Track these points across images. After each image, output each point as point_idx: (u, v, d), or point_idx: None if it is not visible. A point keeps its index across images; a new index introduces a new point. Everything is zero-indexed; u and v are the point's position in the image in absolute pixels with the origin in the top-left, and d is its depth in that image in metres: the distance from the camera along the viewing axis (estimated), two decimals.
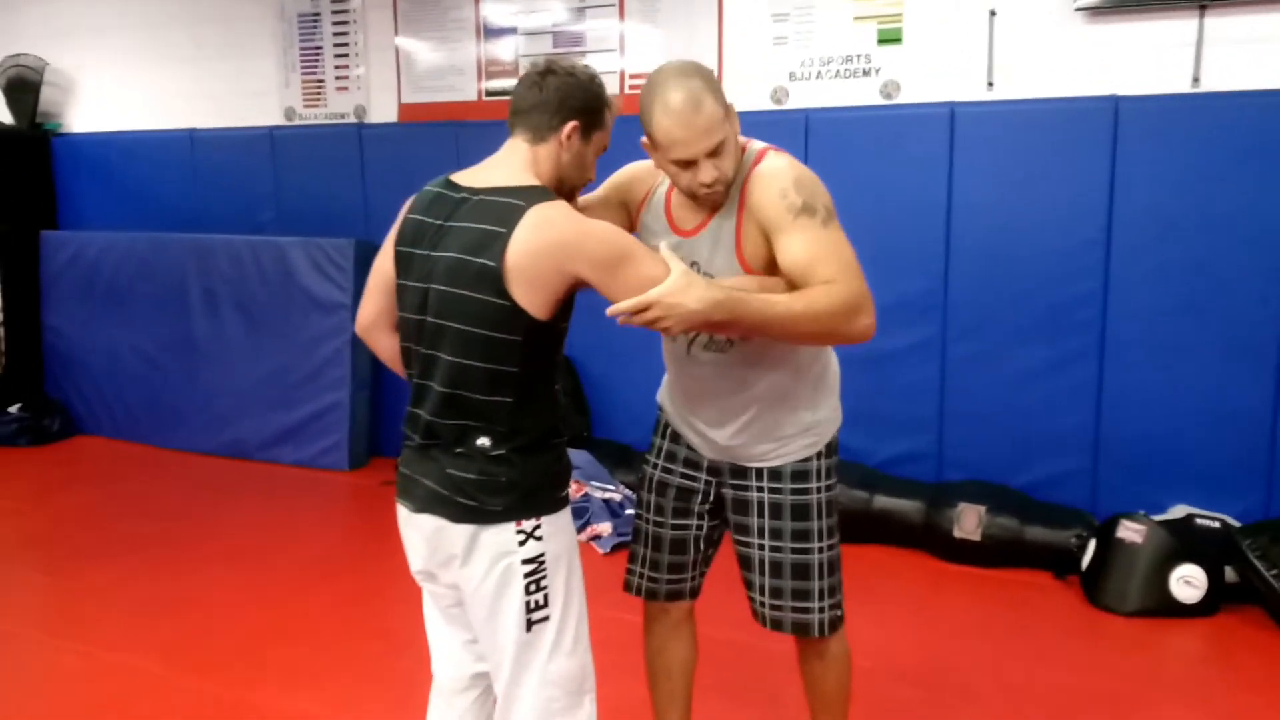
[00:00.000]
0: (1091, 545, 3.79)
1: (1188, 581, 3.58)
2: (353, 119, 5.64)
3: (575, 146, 1.91)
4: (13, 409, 6.04)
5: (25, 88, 6.33)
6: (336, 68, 5.65)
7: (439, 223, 1.84)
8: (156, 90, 6.19)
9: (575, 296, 1.84)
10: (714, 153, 1.91)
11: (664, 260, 1.79)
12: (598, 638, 2.01)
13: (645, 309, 1.75)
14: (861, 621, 3.48)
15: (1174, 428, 4.00)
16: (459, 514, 1.82)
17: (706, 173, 1.92)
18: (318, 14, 5.64)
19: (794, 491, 2.19)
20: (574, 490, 4.45)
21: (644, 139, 1.98)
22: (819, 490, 2.20)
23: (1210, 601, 3.58)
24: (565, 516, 1.91)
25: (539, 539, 1.84)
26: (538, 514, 1.84)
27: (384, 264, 1.97)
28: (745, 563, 2.27)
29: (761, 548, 2.21)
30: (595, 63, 4.94)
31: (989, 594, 3.81)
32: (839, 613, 2.25)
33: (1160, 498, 3.99)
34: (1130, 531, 3.68)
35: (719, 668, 3.22)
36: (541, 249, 1.72)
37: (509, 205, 1.76)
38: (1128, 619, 3.59)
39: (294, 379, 5.44)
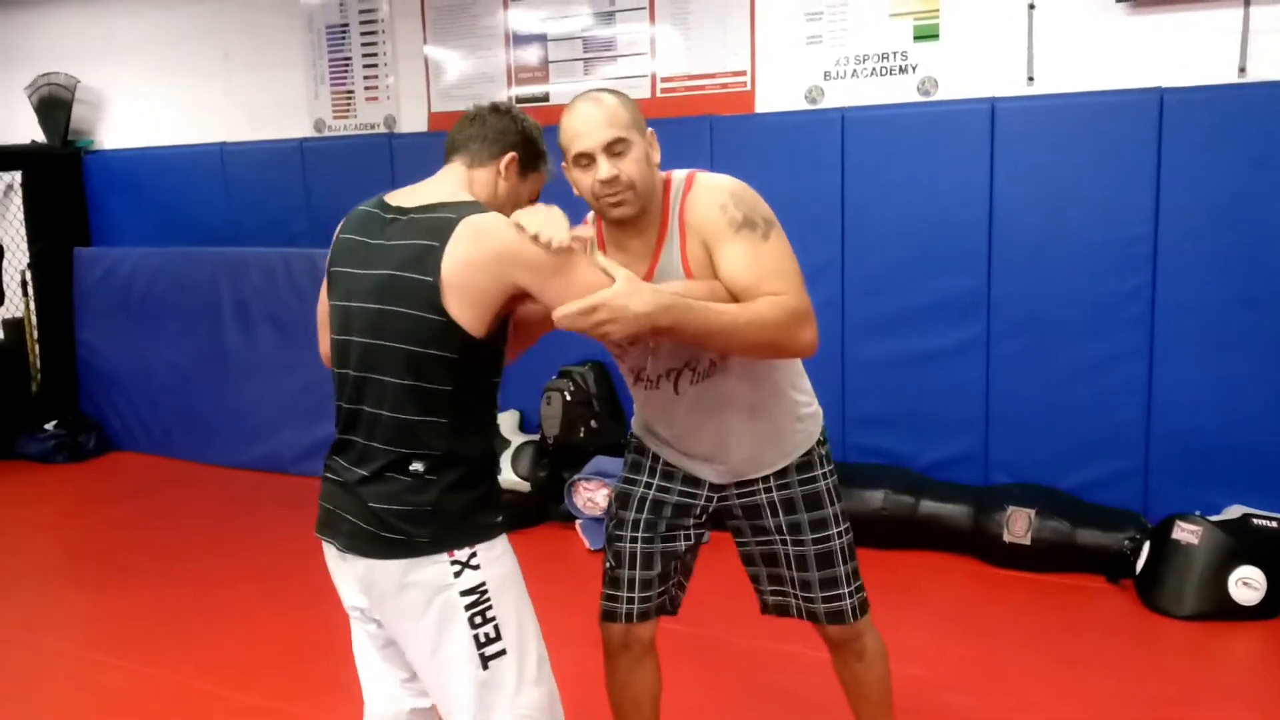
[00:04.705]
0: (1145, 548, 3.70)
1: (1246, 583, 3.49)
2: (383, 129, 5.63)
3: (512, 179, 1.90)
4: (48, 426, 6.08)
5: (57, 105, 6.37)
6: (365, 78, 5.64)
7: (369, 241, 1.81)
8: (186, 105, 6.21)
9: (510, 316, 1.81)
10: (613, 149, 1.88)
11: (604, 268, 1.76)
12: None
13: (592, 311, 1.70)
14: (911, 628, 3.43)
15: (1228, 425, 3.89)
16: (385, 550, 1.75)
17: (603, 168, 1.88)
18: (346, 25, 5.64)
19: (802, 483, 2.19)
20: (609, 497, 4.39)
21: (563, 163, 1.98)
22: (825, 476, 2.22)
23: (1270, 603, 3.49)
24: (502, 542, 1.83)
25: (475, 568, 1.76)
26: (470, 542, 1.76)
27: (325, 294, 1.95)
28: (769, 559, 2.25)
29: (784, 543, 2.21)
30: (626, 67, 4.92)
31: (1041, 599, 3.73)
32: (864, 595, 2.25)
33: (1215, 498, 3.89)
34: (1185, 533, 3.60)
35: (765, 678, 3.18)
36: (477, 260, 1.69)
37: (441, 219, 1.73)
38: (1184, 622, 3.50)
39: (327, 391, 5.33)
